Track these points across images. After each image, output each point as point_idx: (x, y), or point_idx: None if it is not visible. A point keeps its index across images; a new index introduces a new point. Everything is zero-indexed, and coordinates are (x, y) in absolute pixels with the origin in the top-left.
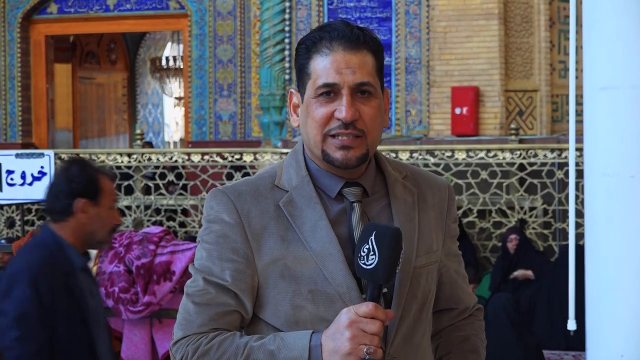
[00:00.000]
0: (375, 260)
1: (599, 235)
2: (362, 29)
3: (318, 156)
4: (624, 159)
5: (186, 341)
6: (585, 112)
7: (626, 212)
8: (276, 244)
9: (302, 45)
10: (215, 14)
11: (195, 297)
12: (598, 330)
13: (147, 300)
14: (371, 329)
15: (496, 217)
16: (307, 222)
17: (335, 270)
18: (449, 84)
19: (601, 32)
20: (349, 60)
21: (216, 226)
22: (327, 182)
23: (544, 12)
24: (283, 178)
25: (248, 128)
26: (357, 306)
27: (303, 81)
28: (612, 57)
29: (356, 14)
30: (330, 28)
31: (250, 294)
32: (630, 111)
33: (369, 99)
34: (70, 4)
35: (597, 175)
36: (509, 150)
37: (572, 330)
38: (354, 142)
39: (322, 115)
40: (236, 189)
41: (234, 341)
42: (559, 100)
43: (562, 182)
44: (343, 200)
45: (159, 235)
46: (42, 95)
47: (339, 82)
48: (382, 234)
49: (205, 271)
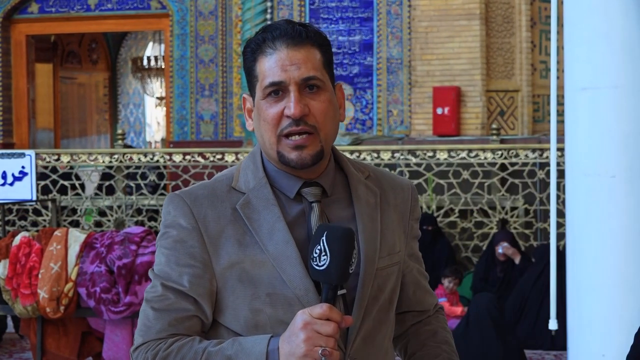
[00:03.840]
0: (327, 261)
1: (580, 235)
2: (305, 25)
3: (274, 157)
4: (605, 159)
5: (145, 347)
6: (567, 112)
7: (607, 212)
8: (233, 248)
9: (247, 48)
10: (196, 14)
11: (154, 302)
12: (579, 330)
13: (128, 300)
14: (326, 331)
15: (478, 217)
16: (264, 225)
17: (292, 273)
18: (430, 84)
19: (582, 33)
20: (293, 57)
21: (173, 231)
22: (286, 183)
23: (525, 13)
24: (240, 180)
25: (230, 128)
26: (312, 308)
27: (252, 84)
28: (593, 58)
29: (337, 14)
30: (272, 28)
31: (209, 299)
32: (611, 111)
33: (318, 93)
34: (51, 4)
35: (578, 175)
36: (490, 150)
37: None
38: (307, 140)
39: (272, 116)
40: (192, 193)
41: (193, 346)
42: (540, 100)
43: (544, 182)
44: (302, 201)
45: (141, 235)
46: (23, 95)
47: (284, 80)
48: (332, 234)
49: (163, 277)
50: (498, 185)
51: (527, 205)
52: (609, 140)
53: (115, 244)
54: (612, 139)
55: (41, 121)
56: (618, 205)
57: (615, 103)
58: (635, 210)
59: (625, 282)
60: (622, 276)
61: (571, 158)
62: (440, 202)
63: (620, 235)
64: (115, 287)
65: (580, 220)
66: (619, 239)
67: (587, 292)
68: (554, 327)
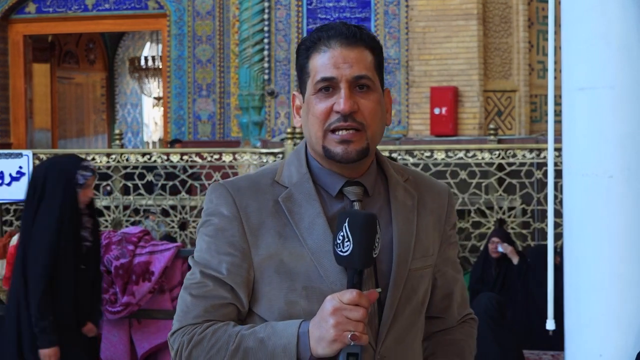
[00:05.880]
0: (351, 247)
1: (577, 235)
2: (360, 27)
3: (319, 153)
4: (603, 159)
5: (182, 332)
6: (564, 113)
7: (605, 212)
8: (273, 240)
9: (301, 46)
10: (194, 14)
11: (193, 289)
12: (577, 330)
13: (125, 300)
14: (355, 316)
15: (475, 217)
16: (304, 219)
17: (329, 268)
18: (428, 84)
19: (580, 33)
20: (346, 56)
21: (215, 219)
22: (329, 180)
23: (523, 13)
24: (284, 174)
25: (227, 128)
26: (341, 293)
27: (303, 80)
28: (591, 58)
29: (335, 14)
30: (328, 27)
31: (245, 288)
32: (608, 111)
33: (368, 93)
34: (49, 4)
35: (575, 175)
36: (487, 150)
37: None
38: (354, 136)
39: (321, 110)
40: (236, 183)
41: (227, 330)
42: (537, 100)
43: (541, 182)
44: (343, 199)
45: (138, 235)
46: (21, 95)
47: (336, 76)
48: (354, 220)
49: (202, 264)
50: (495, 185)
51: (525, 205)
52: (607, 140)
53: (113, 244)
54: (610, 139)
55: (39, 121)
56: (616, 205)
57: (613, 103)
58: (633, 210)
59: (622, 282)
60: (620, 276)
61: (569, 158)
62: None
63: (618, 235)
64: (112, 287)
65: (577, 220)
66: (617, 239)
67: (585, 293)
68: (552, 327)
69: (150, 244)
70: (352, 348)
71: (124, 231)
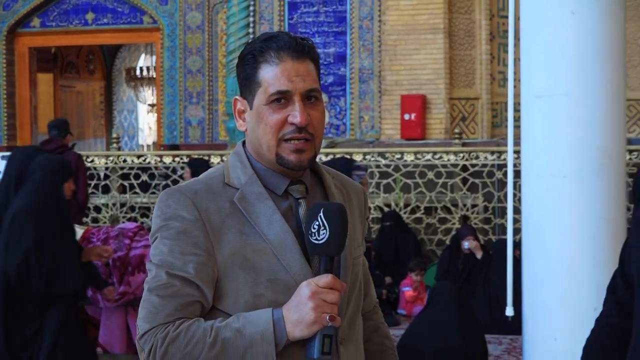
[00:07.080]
0: (327, 234)
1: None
2: (304, 39)
3: (269, 159)
4: (557, 161)
5: (154, 332)
6: (523, 118)
7: (559, 209)
8: (235, 237)
9: (248, 55)
10: (185, 28)
11: (159, 290)
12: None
13: (122, 290)
14: (331, 299)
15: (441, 213)
16: (261, 217)
17: (292, 260)
18: (398, 92)
19: (537, 45)
20: (297, 69)
21: (175, 223)
22: (274, 181)
23: (485, 27)
24: (231, 177)
25: (215, 132)
26: (317, 278)
27: (251, 89)
28: (547, 68)
29: (314, 28)
30: (277, 39)
31: (210, 285)
32: (563, 117)
33: (316, 104)
34: (52, 19)
35: (533, 175)
36: (453, 152)
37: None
38: (306, 145)
39: (276, 121)
40: (191, 187)
41: (200, 325)
42: (498, 107)
43: (501, 182)
44: (287, 198)
45: (134, 230)
46: (26, 102)
47: (290, 89)
48: (329, 209)
49: (167, 266)
50: (460, 184)
51: (487, 203)
52: (561, 143)
53: (111, 239)
54: (564, 142)
55: (42, 126)
56: (569, 202)
57: (568, 110)
58: (584, 207)
59: (575, 272)
60: (573, 267)
61: (526, 160)
62: (407, 200)
63: (571, 229)
64: (110, 277)
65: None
66: (570, 233)
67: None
68: (511, 313)
69: (145, 238)
70: (328, 330)
71: (121, 226)
